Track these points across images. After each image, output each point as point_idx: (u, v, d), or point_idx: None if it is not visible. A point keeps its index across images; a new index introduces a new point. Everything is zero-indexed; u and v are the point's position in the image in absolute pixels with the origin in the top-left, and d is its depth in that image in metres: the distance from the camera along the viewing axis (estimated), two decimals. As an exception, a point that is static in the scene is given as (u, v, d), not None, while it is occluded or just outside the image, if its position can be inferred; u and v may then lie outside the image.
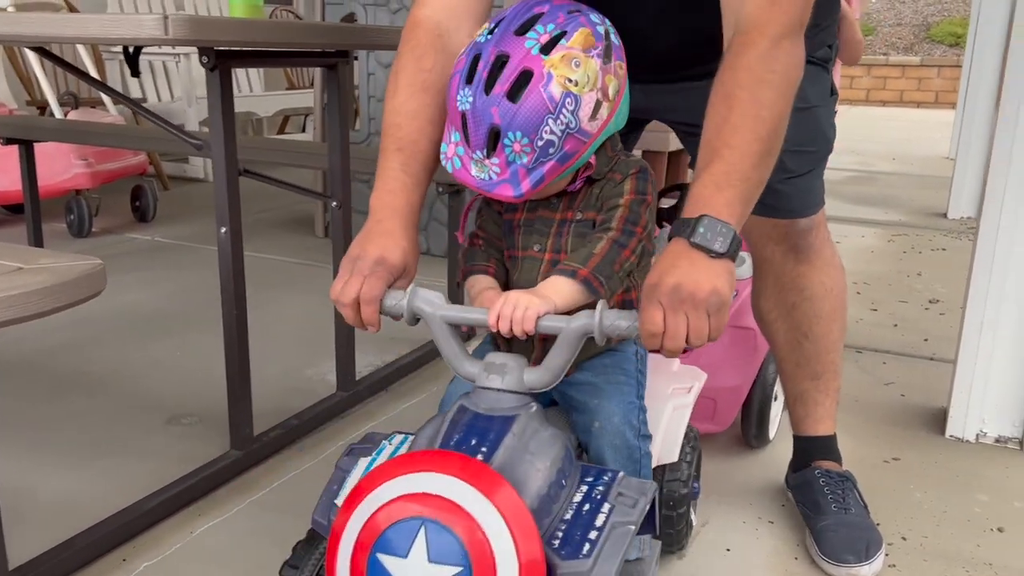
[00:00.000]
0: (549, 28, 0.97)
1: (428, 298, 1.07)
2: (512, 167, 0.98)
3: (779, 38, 1.02)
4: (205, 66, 1.47)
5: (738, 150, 0.98)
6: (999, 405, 1.89)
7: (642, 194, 1.06)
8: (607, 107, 1.00)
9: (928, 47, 11.97)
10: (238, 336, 1.64)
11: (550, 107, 0.95)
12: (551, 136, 0.96)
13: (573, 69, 0.96)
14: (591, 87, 0.97)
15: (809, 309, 1.46)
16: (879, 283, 3.11)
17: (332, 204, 1.87)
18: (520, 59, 0.95)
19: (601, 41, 0.99)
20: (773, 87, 1.01)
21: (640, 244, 1.05)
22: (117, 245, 3.44)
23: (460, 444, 0.96)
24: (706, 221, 0.94)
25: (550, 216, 1.10)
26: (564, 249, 1.10)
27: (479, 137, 0.97)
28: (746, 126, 0.99)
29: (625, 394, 1.13)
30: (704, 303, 0.92)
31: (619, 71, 1.02)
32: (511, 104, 0.95)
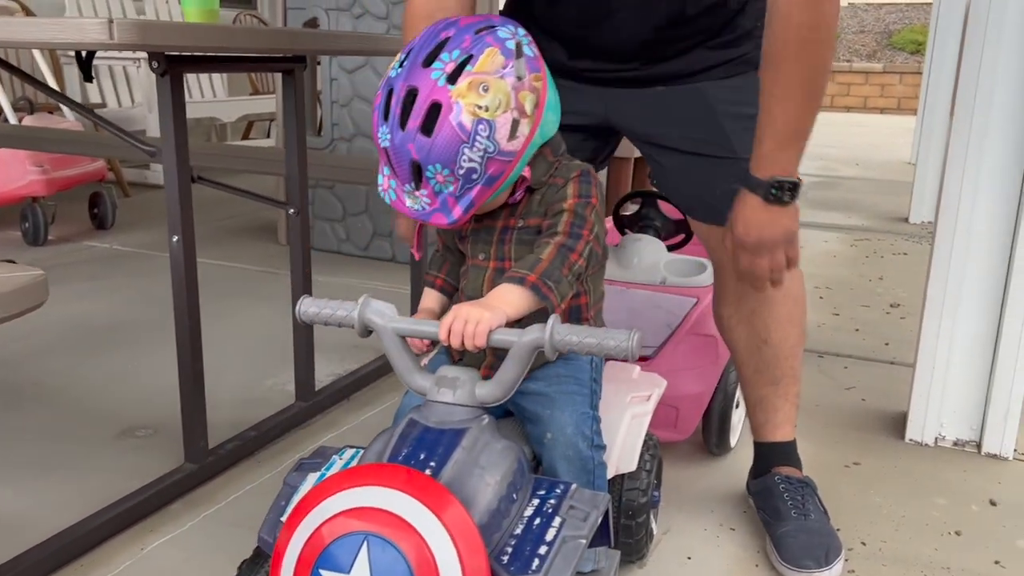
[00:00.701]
0: (454, 55, 0.97)
1: (379, 309, 1.06)
2: (440, 196, 1.00)
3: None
4: (155, 71, 1.44)
5: (788, 113, 1.18)
6: (957, 408, 1.90)
7: (586, 197, 1.06)
8: (527, 123, 1.00)
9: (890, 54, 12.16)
10: (191, 347, 1.60)
11: (463, 137, 0.95)
12: (471, 164, 0.97)
13: (481, 95, 0.96)
14: (504, 109, 0.97)
15: (768, 314, 1.46)
16: (841, 288, 3.14)
17: (289, 212, 1.84)
18: (428, 92, 0.96)
19: (511, 58, 0.98)
20: (816, 45, 1.14)
21: (587, 247, 1.04)
22: (74, 253, 3.37)
23: (408, 458, 0.95)
24: (778, 182, 1.19)
25: (492, 224, 1.11)
26: (508, 257, 1.10)
27: (403, 172, 0.99)
28: (794, 86, 1.16)
29: (577, 404, 1.12)
30: (782, 242, 1.23)
31: (535, 84, 1.01)
32: (426, 138, 0.96)
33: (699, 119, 1.35)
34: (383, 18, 3.10)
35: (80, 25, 1.19)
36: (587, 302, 1.16)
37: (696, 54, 1.34)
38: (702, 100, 1.35)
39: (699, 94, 1.35)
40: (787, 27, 1.15)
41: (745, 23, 1.29)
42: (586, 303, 1.16)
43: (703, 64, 1.33)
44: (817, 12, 1.14)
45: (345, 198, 3.35)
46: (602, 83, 1.40)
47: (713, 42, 1.32)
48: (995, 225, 1.79)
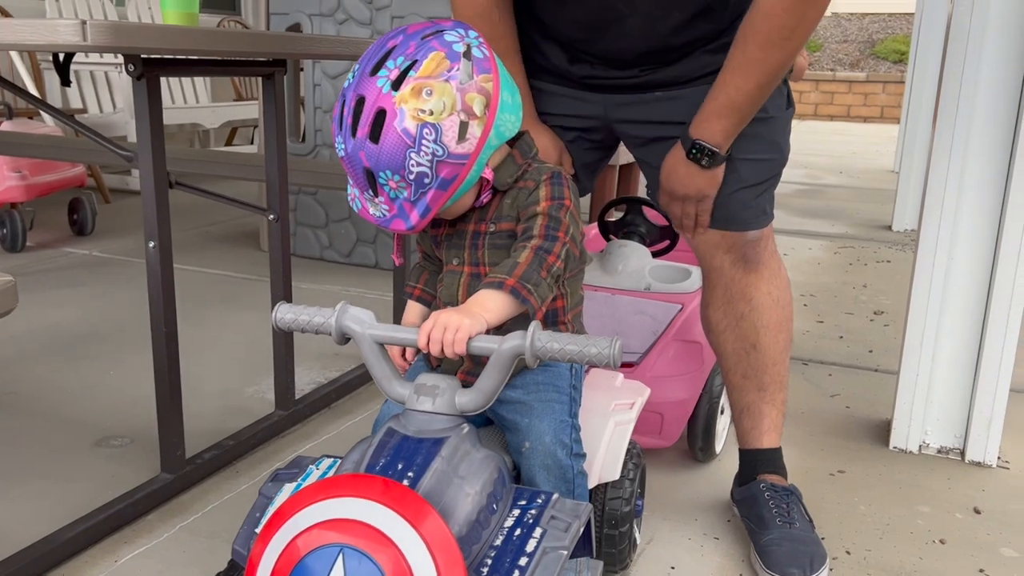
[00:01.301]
0: (399, 61, 0.98)
1: (357, 316, 1.04)
2: (396, 202, 1.01)
3: None
4: (131, 75, 1.41)
5: (739, 91, 1.25)
6: (941, 416, 1.90)
7: (559, 199, 1.05)
8: (477, 124, 0.99)
9: (873, 63, 12.26)
10: (168, 354, 1.57)
11: (408, 142, 0.96)
12: (420, 168, 0.98)
13: (424, 99, 0.96)
14: (449, 111, 0.97)
15: (757, 319, 1.45)
16: (825, 295, 3.14)
17: (269, 217, 1.82)
18: (374, 99, 0.97)
19: (457, 61, 0.98)
20: (787, 44, 1.21)
21: (564, 248, 1.03)
22: (52, 260, 3.32)
23: (386, 468, 0.93)
24: (699, 144, 1.29)
25: (464, 228, 1.11)
26: (482, 262, 1.10)
27: (359, 179, 1.01)
28: (753, 69, 1.23)
29: (556, 412, 1.10)
30: (694, 198, 1.36)
31: (484, 85, 1.00)
32: (374, 145, 0.97)
33: None
34: (366, 24, 3.08)
35: (53, 26, 1.16)
36: (564, 305, 1.15)
37: (696, 58, 1.34)
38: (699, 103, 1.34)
39: (696, 98, 1.34)
40: (767, 21, 1.20)
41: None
42: (563, 306, 1.15)
43: (703, 69, 1.34)
44: (799, 18, 1.18)
45: (328, 204, 3.32)
46: (601, 89, 1.40)
47: (712, 45, 1.32)
48: (978, 233, 1.79)
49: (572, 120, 1.45)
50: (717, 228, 1.42)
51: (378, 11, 3.06)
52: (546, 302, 1.02)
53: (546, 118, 1.45)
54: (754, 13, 1.21)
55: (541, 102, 1.45)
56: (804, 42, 1.26)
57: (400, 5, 3.02)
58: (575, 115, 1.44)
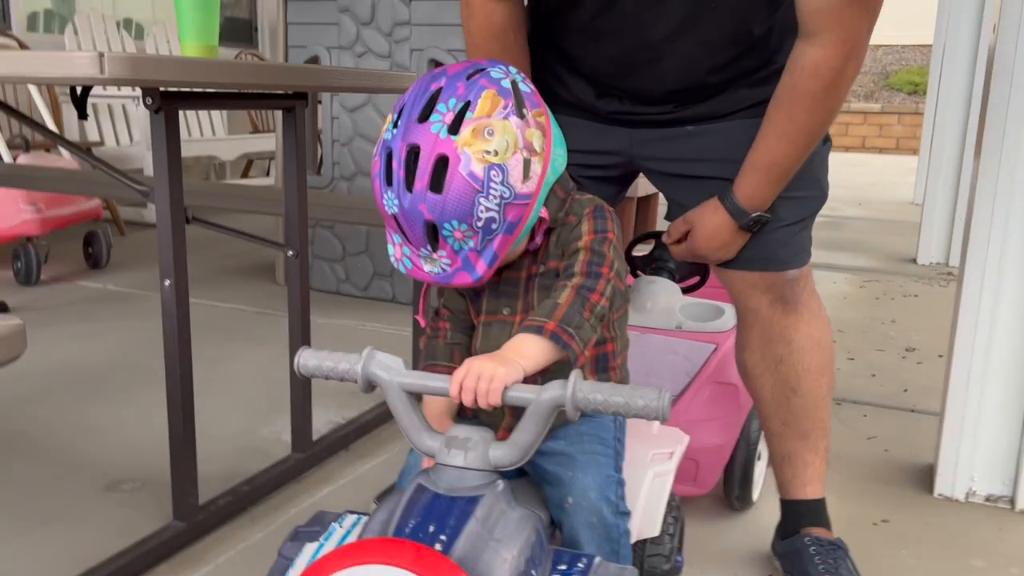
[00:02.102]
0: (451, 104, 0.91)
1: (385, 363, 0.97)
2: (461, 254, 0.93)
3: (842, 44, 1.14)
4: (149, 108, 1.36)
5: (787, 157, 1.24)
6: (989, 461, 1.81)
7: (602, 232, 0.99)
8: (538, 161, 0.94)
9: (888, 95, 12.22)
10: (182, 397, 1.51)
11: (477, 187, 0.89)
12: (489, 213, 0.91)
13: (487, 139, 0.90)
14: (513, 150, 0.91)
15: (798, 363, 1.38)
16: (853, 330, 3.06)
17: (288, 254, 1.76)
18: (431, 147, 0.90)
19: (509, 97, 0.92)
20: (831, 103, 1.20)
21: (609, 285, 0.96)
22: (66, 294, 3.28)
23: (416, 531, 0.85)
24: (758, 215, 1.29)
25: (516, 276, 1.03)
26: (531, 307, 1.02)
27: (417, 236, 0.92)
28: (800, 133, 1.21)
29: (602, 466, 1.03)
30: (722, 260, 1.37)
31: (539, 119, 0.95)
32: (437, 196, 0.89)
33: (730, 158, 1.28)
34: (385, 56, 3.06)
35: (70, 59, 1.12)
36: (614, 349, 1.08)
37: (731, 94, 1.29)
38: (733, 139, 1.29)
39: (730, 132, 1.29)
40: (812, 81, 1.17)
41: (780, 60, 1.23)
42: (612, 350, 1.07)
43: (737, 104, 1.30)
44: (841, 76, 1.17)
45: (345, 238, 3.28)
46: (630, 124, 1.35)
47: (749, 79, 1.28)
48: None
49: (594, 156, 1.39)
50: (754, 269, 1.35)
51: (397, 44, 3.03)
52: (588, 346, 0.95)
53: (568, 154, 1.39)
54: (797, 75, 1.17)
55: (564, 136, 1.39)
56: (843, 99, 1.22)
57: (419, 38, 3.00)
58: (598, 150, 1.38)
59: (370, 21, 3.05)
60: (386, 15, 3.02)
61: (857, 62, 1.18)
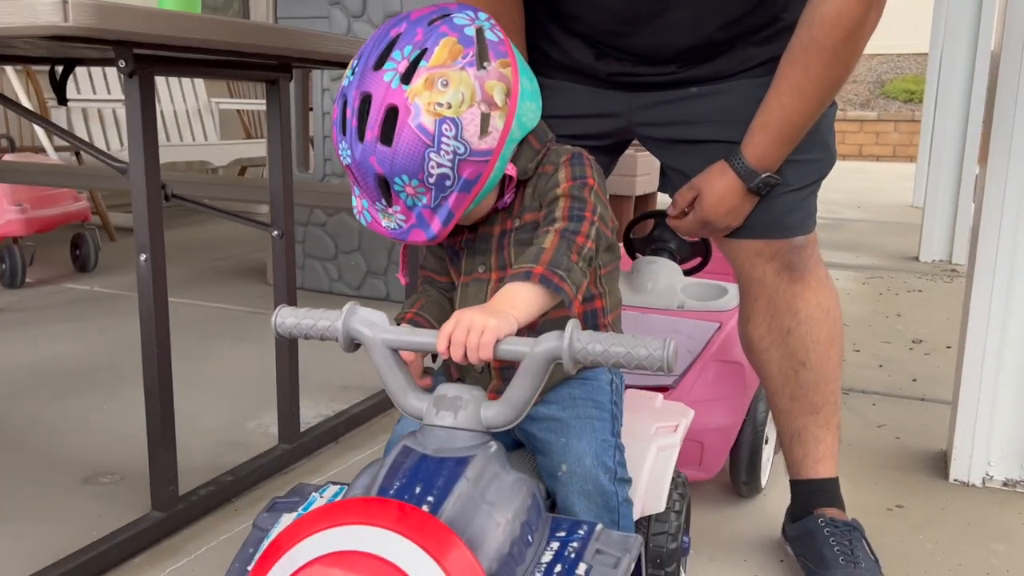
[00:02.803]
0: (407, 51, 0.85)
1: (368, 319, 0.90)
2: (415, 210, 0.88)
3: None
4: (122, 71, 1.30)
5: (801, 115, 1.18)
6: (1005, 446, 1.74)
7: (581, 178, 0.93)
8: (499, 116, 0.87)
9: (884, 103, 12.22)
10: (159, 378, 1.43)
11: (427, 141, 0.84)
12: (441, 169, 0.85)
13: (441, 91, 0.84)
14: (469, 103, 0.85)
15: (806, 333, 1.31)
16: (859, 324, 2.99)
17: (273, 234, 1.69)
18: (382, 96, 0.85)
19: (471, 46, 0.86)
20: (848, 57, 1.14)
21: (593, 227, 0.90)
22: (52, 296, 3.20)
23: (402, 491, 0.78)
24: (768, 176, 1.22)
25: (490, 231, 0.98)
26: (509, 263, 0.96)
27: (369, 188, 0.88)
28: (815, 89, 1.16)
29: (597, 431, 0.96)
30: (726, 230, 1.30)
31: (503, 70, 0.88)
32: (386, 148, 0.85)
33: (736, 119, 1.22)
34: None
35: (31, 5, 1.05)
36: (603, 306, 1.01)
37: (738, 52, 1.24)
38: (738, 99, 1.23)
39: (736, 93, 1.24)
40: (832, 34, 1.11)
41: (787, 17, 1.18)
42: (602, 307, 1.01)
43: (744, 64, 1.24)
44: (862, 26, 1.11)
45: (337, 236, 3.21)
46: (629, 87, 1.28)
47: (756, 37, 1.22)
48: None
49: (588, 122, 1.32)
50: (760, 237, 1.29)
51: (389, 36, 2.98)
52: (581, 290, 0.88)
53: (560, 121, 1.33)
54: (817, 27, 1.12)
55: (557, 101, 1.32)
56: (860, 54, 1.17)
57: (411, 30, 2.94)
58: (593, 114, 1.32)
59: (361, 14, 3.00)
60: (377, 7, 2.97)
61: (878, 11, 1.12)
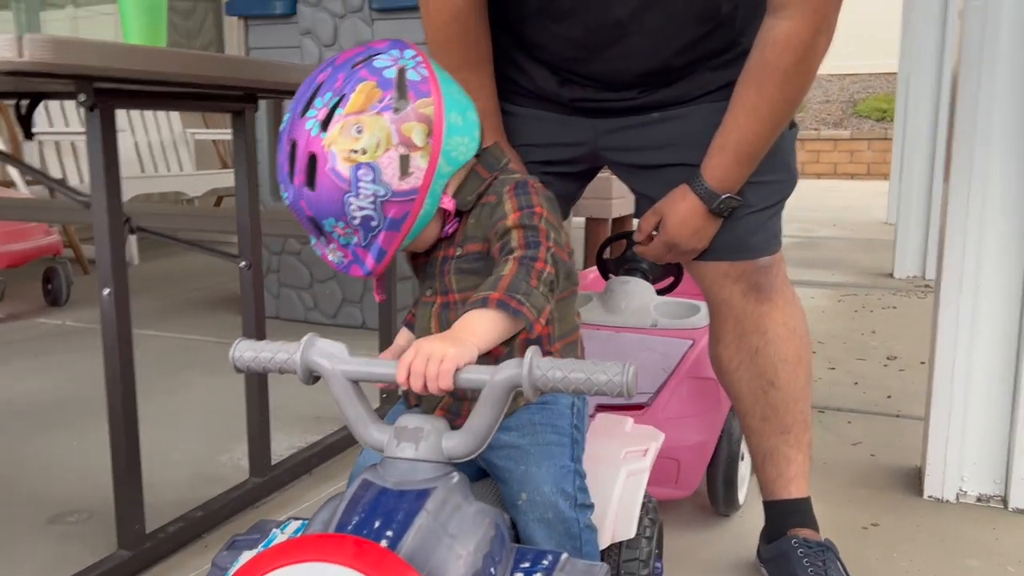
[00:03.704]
0: (326, 98, 0.88)
1: (326, 350, 0.89)
2: (349, 248, 0.92)
3: (812, 15, 1.10)
4: (83, 105, 1.29)
5: (758, 136, 1.19)
6: (978, 461, 1.74)
7: (528, 208, 0.93)
8: (421, 155, 0.89)
9: (856, 122, 12.38)
10: (124, 414, 1.41)
11: (344, 187, 0.87)
12: (363, 212, 0.88)
13: (355, 138, 0.86)
14: (385, 147, 0.87)
15: (774, 353, 1.31)
16: (834, 341, 3.00)
17: (241, 265, 1.68)
18: (304, 144, 0.88)
19: (390, 89, 0.88)
20: (802, 78, 1.15)
21: (550, 253, 0.90)
22: (22, 331, 3.16)
23: (361, 527, 0.77)
24: (728, 197, 1.23)
25: (434, 257, 0.99)
26: (450, 289, 0.97)
27: (308, 228, 0.93)
28: (769, 110, 1.17)
29: (556, 457, 0.95)
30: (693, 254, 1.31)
31: (424, 109, 0.89)
32: (312, 193, 0.88)
33: (696, 143, 1.23)
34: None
35: (-15, 41, 1.04)
36: (550, 332, 0.99)
37: (696, 77, 1.25)
38: (699, 123, 1.24)
39: (696, 117, 1.25)
40: (784, 55, 1.13)
41: (745, 42, 1.19)
42: (549, 334, 0.99)
43: (704, 88, 1.25)
44: (811, 49, 1.13)
45: (312, 264, 3.19)
46: (593, 113, 1.29)
47: (714, 62, 1.24)
48: (1004, 271, 1.69)
49: (556, 150, 1.33)
50: (726, 258, 1.29)
51: (360, 65, 2.98)
52: (545, 313, 0.88)
53: (529, 149, 1.34)
54: (768, 49, 1.14)
55: (525, 129, 1.33)
56: (813, 75, 1.18)
57: (382, 58, 2.95)
58: (560, 143, 1.33)
59: (332, 43, 3.00)
60: (348, 36, 2.97)
61: (828, 35, 1.14)
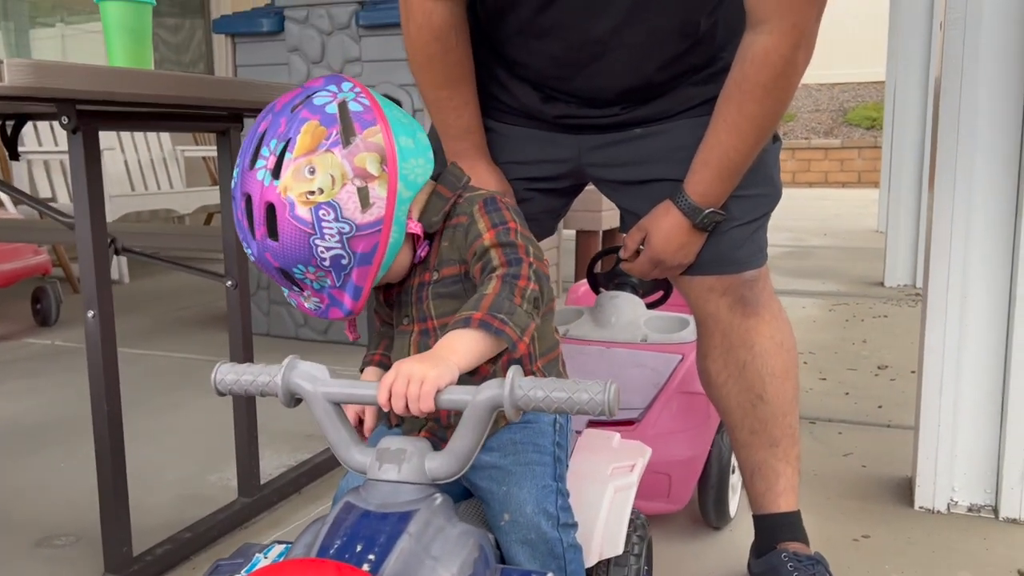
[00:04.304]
0: (272, 145, 0.87)
1: (308, 373, 0.89)
2: (324, 292, 0.90)
3: (791, 31, 1.10)
4: (65, 127, 1.29)
5: (738, 151, 1.19)
6: (968, 472, 1.74)
7: (502, 224, 0.93)
8: (379, 184, 0.88)
9: (847, 130, 12.44)
10: (110, 436, 1.40)
11: (308, 230, 0.86)
12: (332, 252, 0.87)
13: (309, 179, 0.85)
14: (341, 183, 0.86)
15: (762, 367, 1.31)
16: (825, 352, 3.00)
17: (227, 284, 1.67)
18: (259, 195, 0.86)
19: (334, 124, 0.87)
20: (782, 93, 1.15)
21: (532, 269, 0.90)
22: (12, 351, 3.15)
23: (343, 551, 0.76)
24: (712, 212, 1.23)
25: (410, 284, 0.98)
26: (428, 315, 0.96)
27: (278, 279, 0.91)
28: (751, 125, 1.17)
29: (538, 476, 0.94)
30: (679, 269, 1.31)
31: (373, 138, 0.88)
32: (275, 243, 0.87)
33: (679, 158, 1.23)
34: (337, 94, 3.01)
35: (-35, 66, 1.04)
36: (531, 352, 0.98)
37: (678, 93, 1.25)
38: (681, 138, 1.25)
39: (678, 132, 1.26)
40: (763, 71, 1.13)
41: (727, 56, 1.19)
42: (529, 353, 0.98)
43: (685, 104, 1.26)
44: (791, 64, 1.13)
45: (302, 281, 3.18)
46: (576, 130, 1.30)
47: (696, 77, 1.24)
48: (990, 280, 1.69)
49: (541, 167, 1.34)
50: (711, 273, 1.29)
51: (348, 81, 2.99)
52: (528, 332, 0.87)
53: (513, 166, 1.34)
54: (748, 65, 1.14)
55: (509, 146, 1.34)
56: (794, 90, 1.18)
57: (371, 75, 2.96)
58: (545, 160, 1.33)
59: (320, 60, 3.01)
60: (336, 53, 2.98)
61: (807, 51, 1.14)
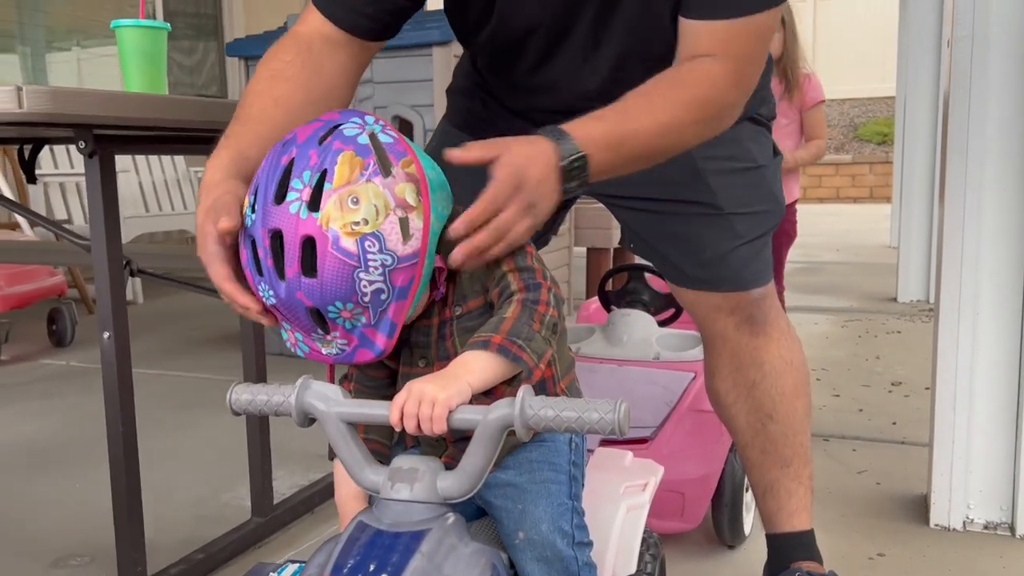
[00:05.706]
0: (306, 177, 0.81)
1: (321, 392, 0.89)
2: (355, 332, 0.85)
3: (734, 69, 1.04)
4: (82, 151, 1.31)
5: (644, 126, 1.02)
6: (983, 488, 1.73)
7: (519, 248, 0.91)
8: (416, 215, 0.84)
9: (858, 146, 12.43)
10: (125, 457, 1.41)
11: (353, 263, 0.80)
12: (374, 286, 0.82)
13: (353, 209, 0.80)
14: (385, 213, 0.81)
15: (772, 386, 1.31)
16: (838, 368, 2.99)
17: (241, 305, 1.69)
18: (294, 229, 0.80)
19: (370, 155, 0.82)
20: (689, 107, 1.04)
21: (551, 293, 0.89)
22: (27, 372, 3.18)
23: (355, 570, 0.77)
24: (581, 157, 0.96)
25: (427, 324, 0.93)
26: (452, 353, 0.92)
27: (304, 322, 0.84)
28: (660, 118, 1.02)
29: (553, 494, 0.94)
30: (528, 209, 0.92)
31: (408, 169, 0.85)
32: (312, 280, 0.80)
33: (685, 179, 1.24)
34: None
35: (-16, 93, 1.06)
36: (554, 374, 0.98)
37: None
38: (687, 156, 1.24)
39: None
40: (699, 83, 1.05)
41: None
42: (553, 375, 0.98)
43: None
44: (724, 94, 1.06)
45: (315, 300, 3.20)
46: None
47: None
48: (1002, 295, 1.69)
49: None
50: (718, 290, 1.30)
51: (360, 103, 3.02)
52: (545, 358, 0.87)
53: None
54: (685, 70, 1.06)
55: None
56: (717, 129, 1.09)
57: (382, 96, 2.99)
58: None
59: (332, 82, 3.04)
60: (348, 75, 3.01)
61: (742, 93, 1.07)
